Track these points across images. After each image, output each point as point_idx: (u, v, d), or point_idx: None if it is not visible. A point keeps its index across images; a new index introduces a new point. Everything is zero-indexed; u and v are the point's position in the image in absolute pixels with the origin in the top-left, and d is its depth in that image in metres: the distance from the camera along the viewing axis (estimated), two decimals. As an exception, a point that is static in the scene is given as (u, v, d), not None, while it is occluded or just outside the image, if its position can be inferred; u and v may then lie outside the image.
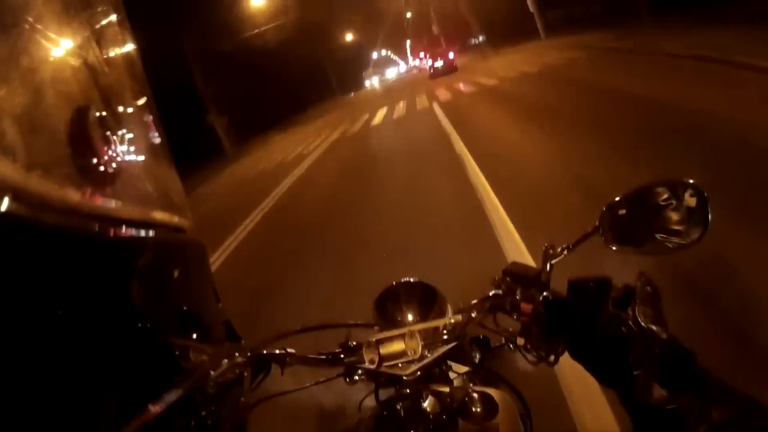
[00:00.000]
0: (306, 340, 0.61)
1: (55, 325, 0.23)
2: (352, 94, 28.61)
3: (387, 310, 0.75)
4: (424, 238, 2.21)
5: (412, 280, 0.80)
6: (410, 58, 57.39)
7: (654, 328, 0.40)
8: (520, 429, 0.54)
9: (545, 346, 0.50)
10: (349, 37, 36.93)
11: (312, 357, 0.59)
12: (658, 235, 0.49)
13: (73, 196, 0.28)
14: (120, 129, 0.38)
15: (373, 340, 0.58)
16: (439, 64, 17.73)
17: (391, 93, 16.56)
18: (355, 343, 0.60)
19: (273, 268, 2.67)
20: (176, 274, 0.35)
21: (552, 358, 0.50)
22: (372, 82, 41.30)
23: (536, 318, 0.51)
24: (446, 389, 0.57)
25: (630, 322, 0.41)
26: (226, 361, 0.37)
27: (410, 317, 0.72)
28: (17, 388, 0.21)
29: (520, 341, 0.53)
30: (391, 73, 50.16)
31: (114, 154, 0.36)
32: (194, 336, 0.35)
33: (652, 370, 0.38)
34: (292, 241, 3.10)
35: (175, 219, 0.37)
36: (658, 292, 0.42)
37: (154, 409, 0.27)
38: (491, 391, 0.55)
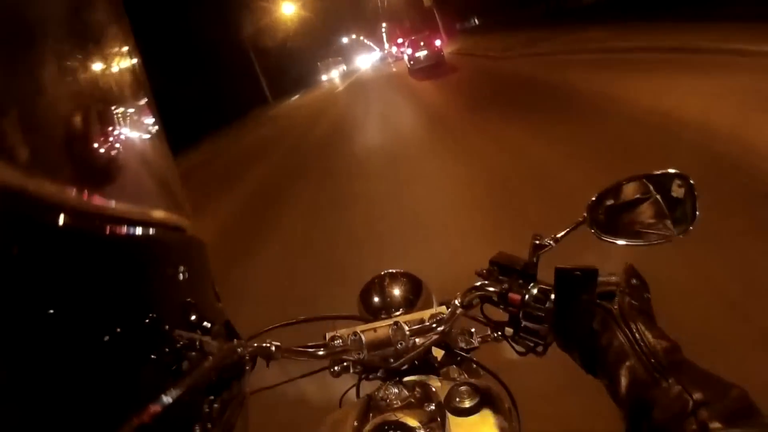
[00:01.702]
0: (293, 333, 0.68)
1: (54, 325, 0.25)
2: (295, 97, 27.60)
3: (372, 301, 0.81)
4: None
5: (396, 271, 0.86)
6: (386, 44, 52.64)
7: (639, 319, 0.44)
8: (506, 420, 0.56)
9: (533, 337, 0.54)
10: (287, 11, 34.56)
11: (297, 349, 0.62)
12: (645, 227, 0.53)
13: (73, 195, 0.30)
14: (120, 127, 0.40)
15: (359, 330, 0.62)
16: (421, 54, 15.04)
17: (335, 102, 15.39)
18: (340, 335, 0.64)
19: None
20: (176, 273, 0.38)
21: (540, 348, 0.54)
22: (331, 75, 36.76)
23: (524, 309, 0.54)
24: (432, 381, 0.61)
25: (615, 314, 0.45)
26: (226, 360, 0.40)
27: (395, 308, 0.78)
28: (16, 388, 0.22)
29: (508, 332, 0.56)
30: (361, 62, 44.61)
31: (114, 153, 0.38)
32: (194, 335, 0.38)
33: (637, 360, 0.41)
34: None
35: (176, 217, 0.41)
36: (645, 283, 0.47)
37: (153, 408, 0.29)
38: (478, 383, 0.58)
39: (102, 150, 0.37)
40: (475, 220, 2.94)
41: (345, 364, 0.65)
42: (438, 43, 14.88)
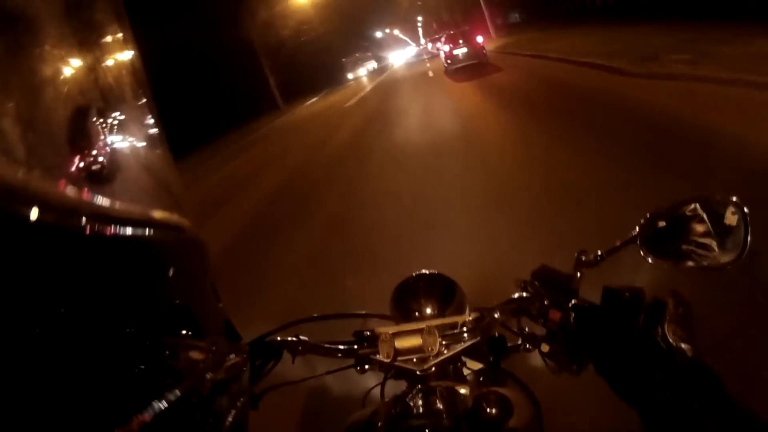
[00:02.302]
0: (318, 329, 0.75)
1: (54, 325, 0.28)
2: (312, 100, 26.40)
3: (405, 302, 0.90)
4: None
5: (432, 272, 0.95)
6: (422, 39, 53.85)
7: (683, 348, 0.48)
8: (531, 428, 0.62)
9: (569, 356, 0.60)
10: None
11: (324, 346, 0.72)
12: (694, 252, 0.58)
13: (73, 195, 0.33)
14: (120, 127, 0.45)
15: (390, 332, 0.70)
16: (459, 51, 14.68)
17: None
18: (370, 334, 0.72)
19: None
20: (176, 273, 0.42)
21: (575, 368, 0.59)
22: (359, 73, 36.82)
23: (564, 326, 0.60)
24: (460, 388, 0.68)
25: (660, 341, 0.49)
26: (225, 360, 0.45)
27: (428, 311, 0.87)
28: (15, 388, 0.25)
29: (545, 348, 0.63)
30: (394, 59, 45.03)
31: (114, 153, 0.44)
32: (194, 336, 0.42)
33: (678, 393, 0.45)
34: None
35: (176, 217, 0.46)
36: (690, 310, 0.52)
37: (153, 409, 0.31)
38: (505, 392, 0.64)
39: (102, 150, 0.43)
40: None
41: (372, 363, 0.72)
42: (480, 39, 14.39)
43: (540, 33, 15.97)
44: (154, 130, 0.49)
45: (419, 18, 50.67)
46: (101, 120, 0.43)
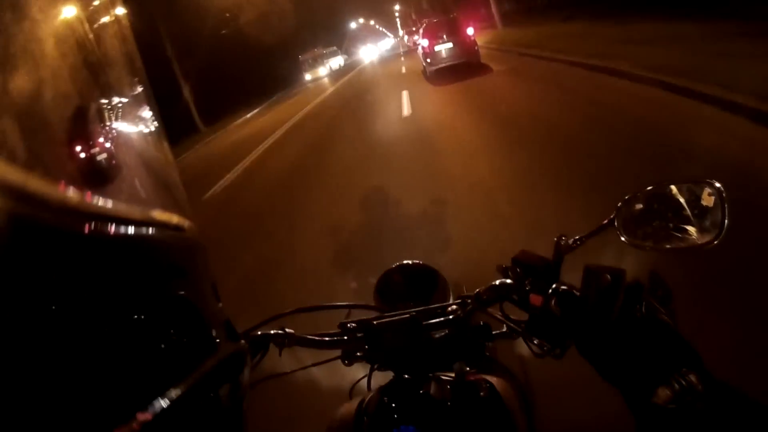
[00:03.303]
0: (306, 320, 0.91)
1: (53, 326, 0.34)
2: (243, 118, 25.83)
3: (388, 291, 1.15)
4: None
5: (414, 262, 1.19)
6: (400, 30, 55.58)
7: (662, 327, 0.63)
8: (519, 418, 0.80)
9: (553, 339, 0.76)
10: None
11: (310, 338, 0.92)
12: (672, 233, 0.74)
13: (72, 195, 0.40)
14: (120, 126, 0.56)
15: (373, 321, 0.88)
16: (443, 47, 14.24)
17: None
18: (354, 325, 0.91)
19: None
20: (176, 273, 0.52)
21: (558, 351, 0.75)
22: (320, 73, 36.73)
23: (545, 310, 0.76)
24: (445, 375, 0.87)
25: (640, 321, 0.64)
26: (225, 360, 0.56)
27: (412, 300, 1.10)
28: (15, 388, 0.30)
29: (528, 333, 0.79)
30: (367, 53, 46.14)
31: (113, 152, 0.54)
32: (194, 336, 0.53)
33: (659, 371, 0.59)
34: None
35: (176, 218, 0.56)
36: (669, 291, 0.69)
37: (152, 409, 0.38)
38: (491, 379, 0.84)
39: (101, 150, 0.51)
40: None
41: (358, 354, 0.91)
42: (470, 31, 13.85)
43: (574, 24, 15.09)
44: (154, 130, 0.61)
45: (396, 6, 52.21)
46: (101, 119, 0.52)
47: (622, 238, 0.77)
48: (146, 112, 0.61)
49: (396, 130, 9.46)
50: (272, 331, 0.96)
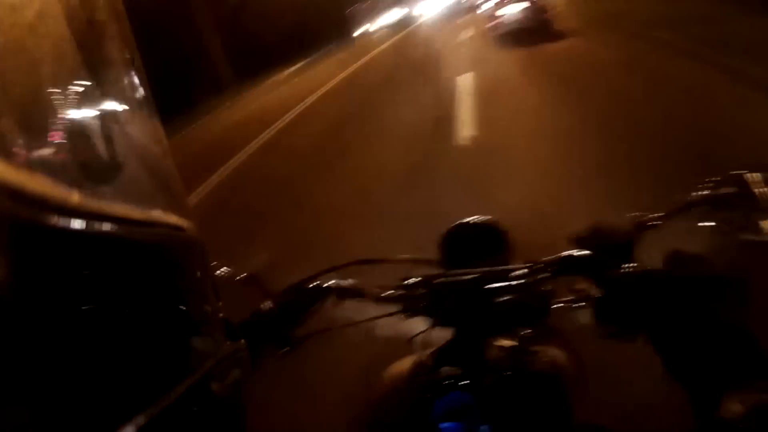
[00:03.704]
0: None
1: (53, 326, 0.36)
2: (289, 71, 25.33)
3: (454, 248, 1.22)
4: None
5: (483, 219, 1.27)
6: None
7: (741, 331, 0.67)
8: (574, 388, 0.89)
9: (622, 321, 0.80)
10: None
11: (371, 290, 1.01)
12: (754, 222, 0.77)
13: (72, 195, 0.42)
14: (119, 126, 0.62)
15: (437, 279, 0.97)
16: (510, 10, 13.35)
17: None
18: (417, 280, 0.99)
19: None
20: (175, 272, 0.58)
21: (628, 335, 0.80)
22: (370, 29, 35.87)
23: (618, 288, 0.80)
24: (504, 341, 0.94)
25: (725, 323, 0.68)
26: (225, 360, 0.62)
27: (478, 259, 1.12)
28: (15, 388, 0.32)
29: (597, 310, 0.83)
30: (429, 7, 45.15)
31: (113, 152, 0.59)
32: (193, 336, 0.58)
33: (731, 377, 0.63)
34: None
35: (175, 217, 0.61)
36: (748, 290, 0.70)
37: (152, 409, 0.42)
38: (553, 351, 0.92)
39: (101, 149, 0.56)
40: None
41: (419, 310, 0.99)
42: None
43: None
44: (154, 129, 0.67)
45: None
46: (101, 119, 0.57)
47: (702, 223, 0.82)
48: (146, 112, 0.67)
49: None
50: (331, 282, 1.05)
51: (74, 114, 0.53)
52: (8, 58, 0.46)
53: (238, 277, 1.07)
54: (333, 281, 1.06)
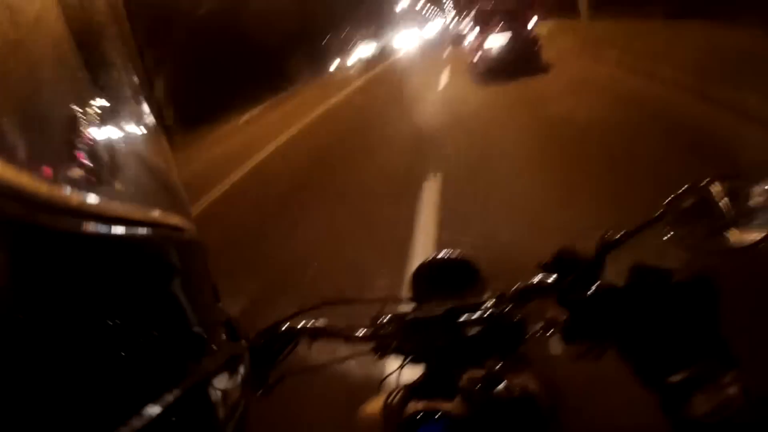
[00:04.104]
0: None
1: (53, 326, 0.39)
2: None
3: (424, 284, 1.34)
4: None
5: (452, 254, 1.40)
6: (453, 12, 56.65)
7: (710, 332, 0.76)
8: (547, 417, 0.98)
9: (591, 340, 0.89)
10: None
11: (342, 330, 1.10)
12: (721, 232, 0.86)
13: (72, 195, 0.46)
14: (120, 126, 0.67)
15: (409, 315, 1.07)
16: (496, 42, 13.18)
17: None
18: (387, 318, 1.09)
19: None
20: (176, 273, 0.62)
21: (597, 351, 0.89)
22: (345, 62, 35.56)
23: (586, 309, 0.90)
24: (477, 372, 1.02)
25: (688, 325, 0.77)
26: (225, 361, 0.68)
27: (448, 294, 1.22)
28: (14, 389, 0.35)
29: (565, 331, 0.93)
30: (405, 40, 46.32)
31: (113, 152, 0.64)
32: (194, 336, 0.63)
33: (703, 383, 0.72)
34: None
35: (176, 218, 0.67)
36: (714, 292, 0.80)
37: (152, 410, 0.45)
38: (525, 378, 1.01)
39: (101, 150, 0.60)
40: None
41: (390, 348, 1.08)
42: (534, 20, 13.66)
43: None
44: (154, 129, 0.73)
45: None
46: (100, 119, 0.60)
47: (669, 236, 0.90)
48: (146, 113, 0.72)
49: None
50: (303, 324, 1.13)
51: (74, 114, 0.57)
52: (8, 58, 0.48)
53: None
54: (304, 322, 1.14)
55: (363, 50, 39.55)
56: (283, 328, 1.14)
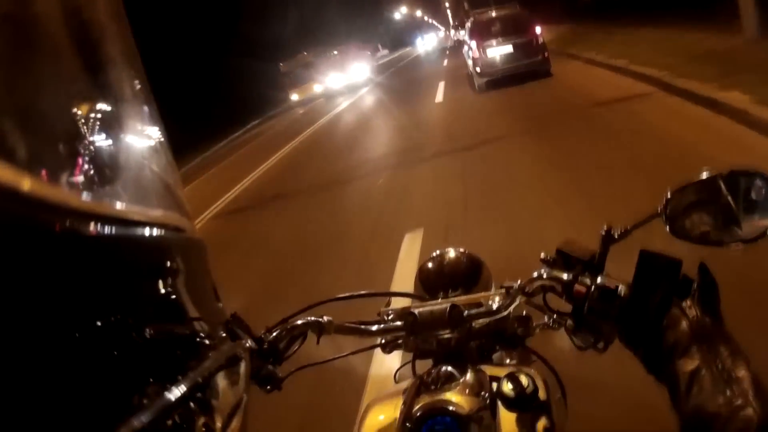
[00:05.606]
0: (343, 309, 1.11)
1: (53, 326, 0.40)
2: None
3: (430, 279, 1.41)
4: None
5: (457, 249, 1.46)
6: (451, 22, 57.05)
7: (711, 322, 0.77)
8: (556, 411, 1.00)
9: (596, 332, 0.93)
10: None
11: (350, 325, 1.14)
12: (719, 227, 0.89)
13: (72, 195, 0.48)
14: (120, 126, 0.68)
15: (414, 310, 1.09)
16: (499, 50, 13.03)
17: None
18: (394, 312, 1.14)
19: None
20: (176, 273, 0.64)
21: (601, 345, 0.93)
22: (314, 91, 32.06)
23: (589, 302, 0.92)
24: (485, 366, 1.09)
25: (688, 313, 0.79)
26: (226, 360, 0.68)
27: (454, 288, 1.31)
28: (14, 389, 0.35)
29: (570, 325, 0.97)
30: (409, 50, 46.70)
31: (114, 152, 0.65)
32: (194, 336, 0.65)
33: (706, 369, 0.72)
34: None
35: (176, 217, 0.69)
36: (716, 284, 0.82)
37: (152, 409, 0.46)
38: (530, 371, 1.03)
39: (101, 150, 0.60)
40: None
41: (398, 342, 1.13)
42: (537, 30, 13.44)
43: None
44: (154, 129, 0.74)
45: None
46: (101, 119, 0.61)
47: (668, 230, 0.92)
48: (147, 113, 0.74)
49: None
50: (310, 319, 1.15)
51: (74, 114, 0.57)
52: (8, 58, 0.48)
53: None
54: (311, 318, 1.17)
55: (330, 80, 33.80)
56: (291, 325, 1.16)
